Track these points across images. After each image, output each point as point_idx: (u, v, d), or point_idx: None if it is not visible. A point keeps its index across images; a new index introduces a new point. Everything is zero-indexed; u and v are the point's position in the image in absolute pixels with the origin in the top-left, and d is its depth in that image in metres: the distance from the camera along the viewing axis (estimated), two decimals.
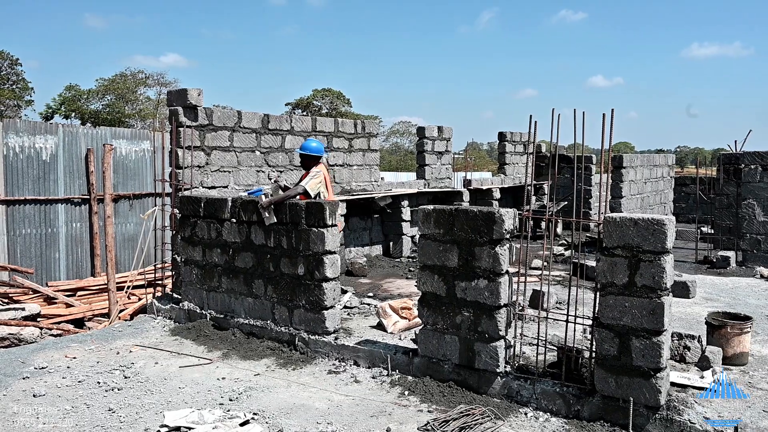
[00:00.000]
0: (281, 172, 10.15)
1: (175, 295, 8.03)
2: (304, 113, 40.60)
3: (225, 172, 9.18)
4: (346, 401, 5.07)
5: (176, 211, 7.83)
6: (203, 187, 8.76)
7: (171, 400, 5.10)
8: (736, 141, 11.80)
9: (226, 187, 9.18)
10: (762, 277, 10.15)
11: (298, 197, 6.57)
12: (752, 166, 11.17)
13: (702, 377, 5.08)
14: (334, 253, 6.26)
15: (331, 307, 6.24)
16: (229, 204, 6.92)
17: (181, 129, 8.35)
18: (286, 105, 45.10)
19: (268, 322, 6.62)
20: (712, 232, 13.28)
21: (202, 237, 7.21)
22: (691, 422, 4.25)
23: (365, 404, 4.99)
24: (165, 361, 6.10)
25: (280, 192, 6.64)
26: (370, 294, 8.63)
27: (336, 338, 6.15)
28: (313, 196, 6.73)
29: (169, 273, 8.63)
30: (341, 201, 9.98)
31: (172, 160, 8.43)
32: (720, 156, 12.39)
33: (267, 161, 9.94)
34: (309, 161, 7.26)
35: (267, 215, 6.46)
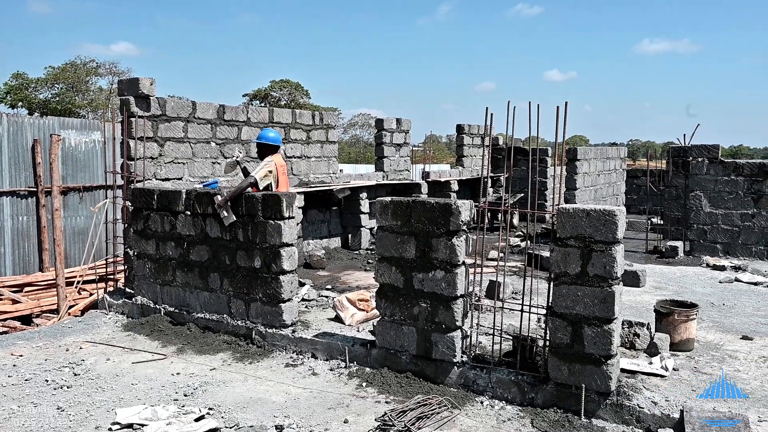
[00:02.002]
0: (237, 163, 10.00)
1: (127, 290, 7.84)
2: (262, 104, 40.11)
3: (179, 163, 9.00)
4: (304, 394, 5.05)
5: (128, 203, 7.64)
6: (156, 179, 8.57)
7: (123, 397, 4.99)
8: (684, 135, 12.16)
9: (180, 179, 9.00)
10: (708, 266, 10.50)
11: (250, 189, 6.48)
12: (699, 159, 11.53)
13: (650, 363, 5.24)
14: (292, 245, 6.21)
15: (289, 299, 6.19)
16: (184, 196, 6.78)
17: (132, 119, 8.14)
18: (243, 96, 44.49)
19: (225, 315, 6.53)
20: (662, 222, 13.67)
21: (156, 230, 7.06)
22: (639, 407, 4.38)
23: (323, 396, 4.98)
24: (117, 357, 5.96)
25: (239, 168, 6.68)
26: (329, 286, 8.61)
27: (293, 331, 6.11)
28: (261, 186, 6.65)
29: (122, 267, 8.43)
30: (299, 193, 9.91)
31: (123, 151, 8.21)
32: (669, 149, 12.75)
33: (223, 153, 9.78)
34: (265, 151, 7.18)
35: (225, 214, 6.32)
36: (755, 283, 9.03)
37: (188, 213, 6.74)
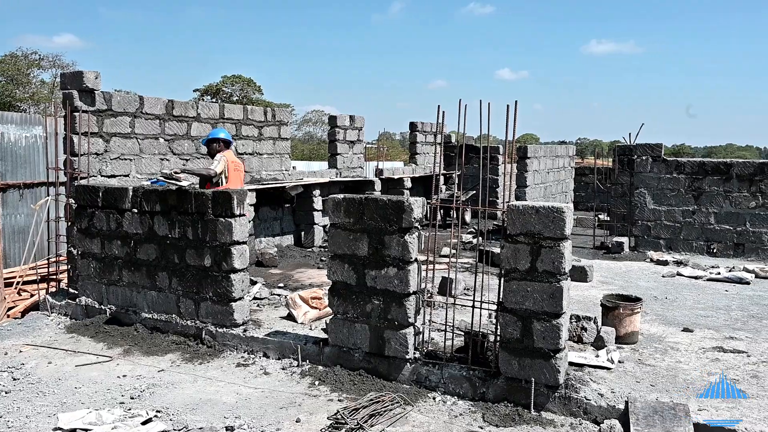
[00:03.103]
0: (187, 160, 9.80)
1: (71, 291, 7.58)
2: (213, 100, 39.40)
3: (126, 160, 8.76)
4: (255, 394, 4.98)
5: (72, 201, 7.38)
6: (102, 176, 8.32)
7: (66, 401, 4.82)
8: (630, 133, 12.52)
9: (127, 175, 8.76)
10: (652, 260, 10.84)
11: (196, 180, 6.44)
12: (643, 157, 11.89)
13: (597, 356, 5.37)
14: (243, 243, 6.12)
15: (240, 298, 6.10)
16: (131, 193, 6.60)
17: (76, 114, 7.87)
18: (194, 91, 43.55)
19: (173, 315, 6.39)
20: (609, 219, 14.05)
21: (101, 228, 6.84)
22: (587, 399, 4.49)
23: (275, 396, 4.93)
24: (60, 360, 5.76)
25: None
26: (281, 285, 8.52)
27: (245, 330, 6.02)
28: (214, 180, 6.69)
29: (65, 267, 8.14)
30: (251, 190, 9.77)
31: (67, 147, 7.93)
32: (615, 148, 13.11)
33: (172, 149, 9.56)
34: (215, 149, 7.21)
35: (178, 182, 6.31)
36: (696, 277, 9.37)
37: (135, 211, 6.56)
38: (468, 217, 15.45)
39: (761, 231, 11.04)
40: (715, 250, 11.35)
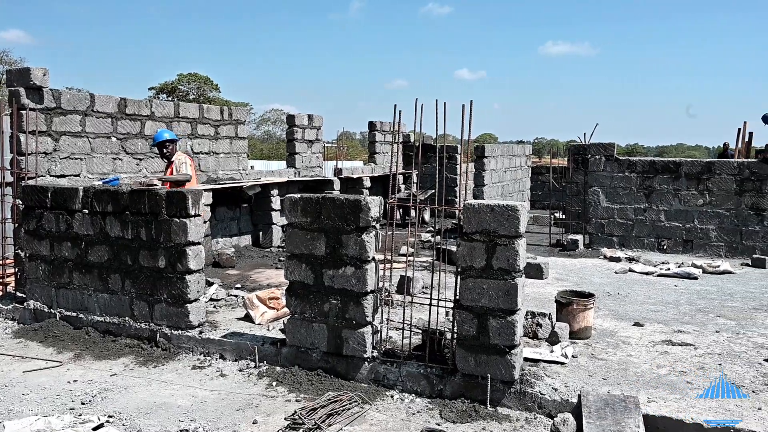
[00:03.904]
0: (141, 159, 9.60)
1: (18, 294, 7.34)
2: (169, 98, 38.67)
3: (76, 159, 8.53)
4: (212, 396, 4.91)
5: (19, 202, 7.15)
6: (51, 176, 8.08)
7: (13, 408, 4.67)
8: (585, 133, 12.83)
9: (78, 175, 8.53)
10: (605, 257, 11.11)
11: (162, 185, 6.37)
12: (597, 157, 12.17)
13: (552, 351, 5.47)
14: (199, 244, 6.03)
15: (195, 300, 6.01)
16: (81, 194, 6.42)
17: (23, 112, 7.62)
18: (149, 90, 42.68)
19: (127, 318, 6.25)
20: (564, 217, 14.34)
21: (50, 230, 6.64)
22: (541, 393, 4.57)
23: (231, 398, 4.87)
24: (6, 366, 5.57)
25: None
26: (238, 285, 8.43)
27: (201, 332, 5.93)
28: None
29: (11, 270, 7.88)
30: (207, 190, 9.63)
31: (13, 146, 7.68)
32: (570, 147, 13.39)
33: (125, 148, 9.35)
34: (165, 148, 7.31)
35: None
36: (647, 273, 9.64)
37: (86, 212, 6.39)
38: (427, 216, 15.54)
39: (708, 228, 11.42)
40: (665, 247, 11.70)
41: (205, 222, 8.85)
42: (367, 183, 15.13)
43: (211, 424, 4.42)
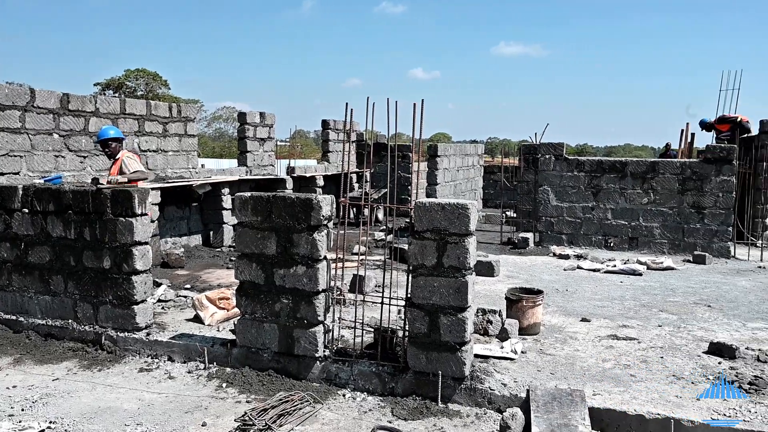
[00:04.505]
0: (85, 157, 9.31)
1: None
2: (116, 95, 37.65)
3: (16, 156, 8.21)
4: (159, 399, 4.80)
5: None
6: None
7: None
8: (536, 133, 13.06)
9: (17, 173, 8.21)
10: (555, 255, 11.35)
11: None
12: (547, 156, 12.42)
13: (502, 348, 5.56)
14: (145, 243, 5.88)
15: (142, 301, 5.86)
16: (20, 192, 6.18)
17: None
18: (95, 85, 41.51)
19: (70, 321, 6.05)
20: (515, 216, 14.58)
21: None
22: (491, 389, 4.64)
23: (180, 400, 4.78)
24: None
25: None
26: (188, 286, 8.27)
27: (148, 334, 5.80)
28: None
29: None
30: (155, 189, 9.41)
31: None
32: (521, 147, 13.62)
33: (68, 145, 9.06)
34: (109, 146, 7.13)
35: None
36: (594, 270, 9.89)
37: (26, 211, 6.16)
38: (381, 215, 15.58)
39: (653, 225, 11.80)
40: (612, 244, 12.03)
41: (153, 221, 8.65)
42: (321, 182, 15.06)
43: (159, 427, 4.32)
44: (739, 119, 13.55)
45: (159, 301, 7.22)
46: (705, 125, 14.07)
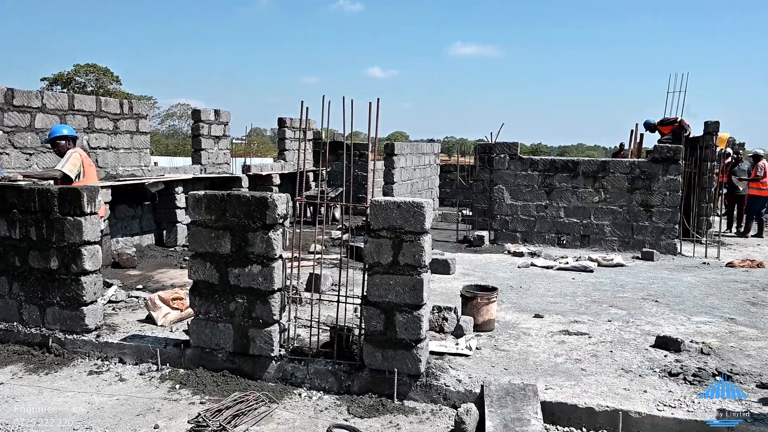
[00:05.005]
0: (31, 154, 9.01)
1: None
2: (64, 90, 36.50)
3: None
4: (110, 402, 4.69)
5: None
6: None
7: None
8: (491, 133, 13.23)
9: None
10: (509, 252, 11.53)
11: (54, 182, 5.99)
12: (502, 155, 12.60)
13: (457, 344, 5.63)
14: (95, 243, 5.74)
15: (92, 302, 5.72)
16: None
17: None
18: (42, 80, 40.11)
19: (15, 323, 5.85)
20: (471, 214, 14.76)
21: None
22: (446, 385, 4.69)
23: (131, 403, 4.68)
24: None
25: None
26: (140, 286, 8.09)
27: (98, 336, 5.65)
28: (73, 178, 6.39)
29: None
30: (106, 187, 9.18)
31: None
32: (477, 146, 13.79)
33: (12, 142, 8.75)
34: (60, 145, 6.87)
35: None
36: (547, 267, 10.09)
37: None
38: (338, 214, 15.54)
39: (603, 223, 12.11)
40: (564, 242, 12.29)
41: (104, 220, 8.42)
42: (277, 180, 14.93)
43: (109, 431, 4.22)
44: (679, 119, 14.01)
45: (110, 302, 7.05)
46: (649, 126, 14.49)
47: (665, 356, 5.58)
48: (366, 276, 4.87)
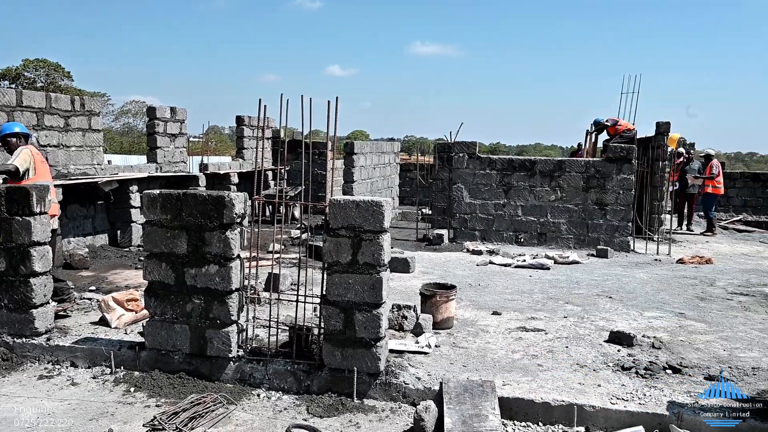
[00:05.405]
0: None
1: None
2: (12, 86, 35.29)
3: None
4: (61, 407, 4.56)
5: None
6: None
7: None
8: (451, 132, 13.35)
9: None
10: (468, 251, 11.65)
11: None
12: (461, 155, 12.71)
13: (417, 342, 5.66)
14: (45, 244, 5.57)
15: (42, 305, 5.54)
16: None
17: None
18: None
19: None
20: (431, 213, 14.86)
21: None
22: (406, 383, 4.71)
23: (84, 407, 4.56)
24: None
25: None
26: (93, 288, 7.89)
27: (48, 339, 5.49)
28: (21, 174, 6.19)
29: None
30: (57, 186, 8.91)
31: None
32: (436, 145, 13.89)
33: None
34: (11, 143, 6.65)
35: None
36: (505, 265, 10.23)
37: None
38: (297, 213, 15.44)
39: (560, 221, 12.34)
40: (522, 240, 12.48)
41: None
42: (235, 179, 14.75)
43: None
44: (617, 122, 14.26)
45: (60, 300, 6.84)
46: (598, 127, 14.74)
47: (618, 351, 5.72)
48: (325, 275, 4.86)
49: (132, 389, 4.84)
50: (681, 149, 15.69)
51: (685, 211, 15.87)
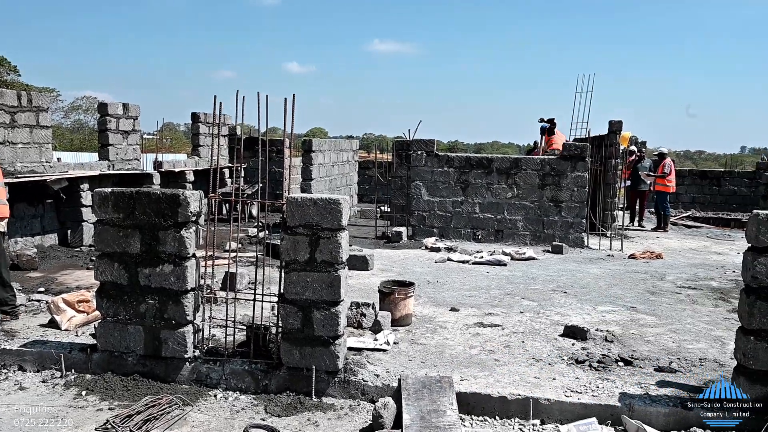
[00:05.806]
0: None
1: None
2: None
3: None
4: (8, 412, 4.41)
5: None
6: None
7: None
8: (409, 129, 13.40)
9: None
10: (427, 248, 11.72)
11: None
12: (419, 152, 12.78)
13: (376, 339, 5.67)
14: None
15: None
16: None
17: None
18: None
19: None
20: (390, 210, 14.88)
21: None
22: (364, 380, 4.72)
23: (32, 412, 4.41)
24: None
25: None
26: (42, 289, 7.65)
27: None
28: None
29: None
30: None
31: None
32: (395, 143, 13.92)
33: None
34: None
35: None
36: (463, 262, 10.34)
37: None
38: (255, 211, 15.27)
39: (516, 218, 12.53)
40: (479, 237, 12.63)
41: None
42: (191, 177, 14.50)
43: None
44: (554, 134, 14.50)
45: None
46: (543, 129, 14.96)
47: (573, 345, 5.84)
48: (283, 273, 4.82)
49: (84, 392, 4.71)
50: (633, 147, 16.11)
51: (637, 207, 16.30)
